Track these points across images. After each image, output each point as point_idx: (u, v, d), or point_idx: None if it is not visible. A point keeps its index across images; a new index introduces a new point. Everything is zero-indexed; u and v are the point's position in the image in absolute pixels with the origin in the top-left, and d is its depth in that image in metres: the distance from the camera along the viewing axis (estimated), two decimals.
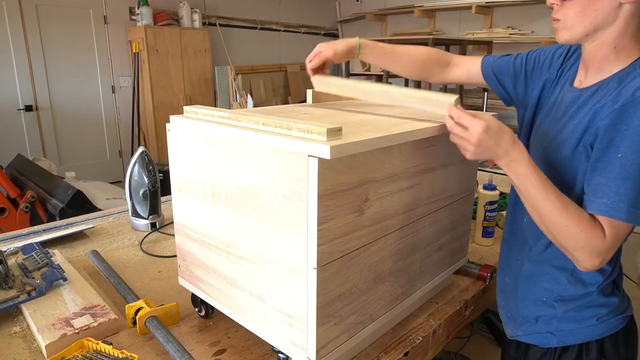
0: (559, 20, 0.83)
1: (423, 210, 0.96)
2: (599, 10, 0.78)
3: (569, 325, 0.93)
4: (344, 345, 0.83)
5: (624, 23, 0.78)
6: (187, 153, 0.93)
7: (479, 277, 1.23)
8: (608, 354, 0.92)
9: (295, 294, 0.76)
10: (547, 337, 0.96)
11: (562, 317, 0.94)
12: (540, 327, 0.97)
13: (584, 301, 0.92)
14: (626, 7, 0.77)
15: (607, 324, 0.92)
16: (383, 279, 0.89)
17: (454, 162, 1.03)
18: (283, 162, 0.72)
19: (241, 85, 5.62)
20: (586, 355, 0.92)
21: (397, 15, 6.47)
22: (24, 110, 4.50)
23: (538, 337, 0.97)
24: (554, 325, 0.95)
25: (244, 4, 6.17)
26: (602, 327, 0.91)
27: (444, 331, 1.07)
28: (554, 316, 0.94)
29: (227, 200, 0.85)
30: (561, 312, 0.94)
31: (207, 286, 0.96)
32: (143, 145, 2.69)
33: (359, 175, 0.76)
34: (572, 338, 0.93)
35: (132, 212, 1.55)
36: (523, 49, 1.13)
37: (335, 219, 0.73)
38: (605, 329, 0.92)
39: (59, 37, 4.62)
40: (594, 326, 0.91)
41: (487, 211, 1.43)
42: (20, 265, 1.16)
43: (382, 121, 0.92)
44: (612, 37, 0.79)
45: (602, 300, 0.91)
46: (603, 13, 0.78)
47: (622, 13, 0.77)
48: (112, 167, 5.25)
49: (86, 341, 0.90)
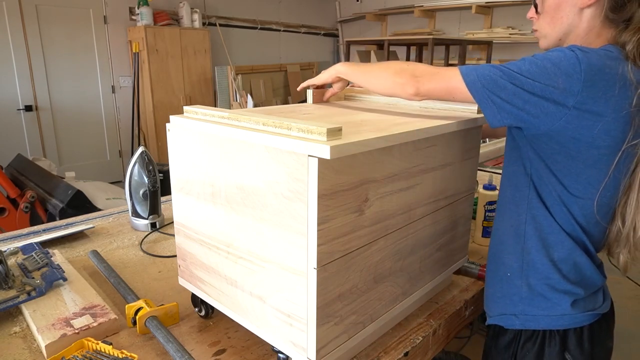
0: (537, 31, 0.97)
1: (423, 210, 0.96)
2: (564, 17, 0.90)
3: (532, 309, 0.94)
4: (344, 345, 0.83)
5: (587, 25, 0.89)
6: (187, 153, 0.93)
7: (479, 277, 1.23)
8: (571, 348, 0.92)
9: (295, 294, 0.76)
10: (511, 318, 0.97)
11: (526, 299, 0.95)
12: (506, 308, 0.98)
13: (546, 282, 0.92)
14: (586, 11, 0.88)
15: (570, 317, 0.92)
16: (383, 279, 0.89)
17: (454, 162, 1.03)
18: (283, 162, 0.72)
19: (241, 85, 5.62)
20: (548, 345, 0.93)
21: (397, 15, 6.47)
22: (23, 110, 4.51)
23: (504, 318, 0.99)
24: (519, 307, 0.96)
25: (244, 4, 6.17)
26: (565, 318, 0.92)
27: (444, 331, 1.07)
28: (520, 298, 0.96)
29: (227, 200, 0.85)
30: (525, 292, 0.95)
31: (207, 286, 0.96)
32: (143, 145, 2.69)
33: (359, 175, 0.76)
34: (534, 323, 0.94)
35: (132, 212, 1.55)
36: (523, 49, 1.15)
37: (335, 219, 0.73)
38: (568, 321, 0.92)
39: (59, 37, 4.62)
40: (557, 316, 0.92)
41: (487, 211, 1.43)
42: (20, 265, 1.16)
43: (382, 121, 0.92)
44: (580, 37, 0.90)
45: (567, 285, 0.91)
46: (568, 19, 0.90)
47: (584, 17, 0.88)
48: (112, 167, 5.25)
49: (86, 341, 0.90)
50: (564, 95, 0.78)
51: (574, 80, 0.77)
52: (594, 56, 0.79)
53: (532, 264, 0.94)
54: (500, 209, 1.02)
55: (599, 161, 0.83)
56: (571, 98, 0.78)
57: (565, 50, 0.80)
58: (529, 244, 0.94)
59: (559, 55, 0.80)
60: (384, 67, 0.97)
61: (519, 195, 0.95)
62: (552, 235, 0.91)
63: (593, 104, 0.78)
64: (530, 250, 0.94)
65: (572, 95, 0.78)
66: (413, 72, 0.91)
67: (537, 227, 0.92)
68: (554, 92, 0.78)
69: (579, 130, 0.80)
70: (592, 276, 0.92)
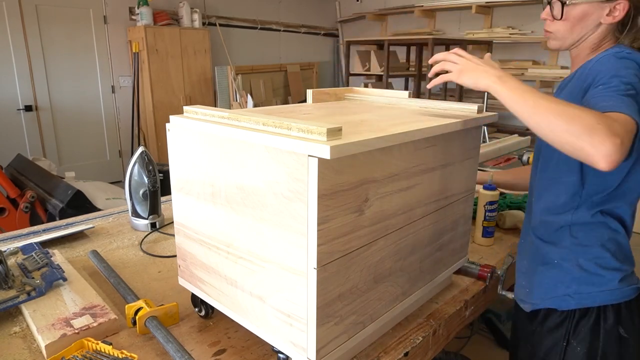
0: (552, 33, 1.04)
1: (423, 210, 0.96)
2: (584, 27, 0.99)
3: (587, 288, 0.99)
4: (344, 345, 0.83)
5: (601, 34, 0.99)
6: (187, 153, 0.93)
7: (479, 277, 1.23)
8: (623, 321, 0.98)
9: (295, 294, 0.76)
10: (565, 299, 1.01)
11: (580, 280, 1.00)
12: (559, 291, 1.02)
13: (597, 261, 0.98)
14: (602, 27, 0.98)
15: (622, 291, 0.98)
16: (383, 279, 0.89)
17: (454, 162, 1.03)
18: (283, 162, 0.72)
19: (241, 85, 5.62)
20: (604, 320, 0.98)
21: (397, 15, 6.47)
22: (23, 110, 4.50)
23: (557, 300, 1.03)
24: (572, 288, 1.01)
25: (244, 4, 6.17)
26: (617, 293, 0.98)
27: (444, 331, 1.07)
28: (573, 279, 1.01)
29: (227, 200, 0.85)
30: (577, 272, 1.00)
31: (207, 286, 0.96)
32: (143, 145, 2.69)
33: (359, 175, 0.76)
34: (590, 301, 0.99)
35: (132, 212, 1.55)
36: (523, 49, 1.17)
37: (335, 219, 0.73)
38: (621, 295, 0.98)
39: (59, 37, 4.62)
40: (610, 291, 0.98)
41: (487, 211, 1.43)
42: (20, 265, 1.16)
43: (382, 121, 0.92)
44: (592, 43, 1.01)
45: (616, 264, 0.98)
46: (587, 29, 0.99)
47: (601, 29, 0.99)
48: (112, 167, 5.25)
49: (86, 341, 0.90)
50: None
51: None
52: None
53: (582, 246, 1.00)
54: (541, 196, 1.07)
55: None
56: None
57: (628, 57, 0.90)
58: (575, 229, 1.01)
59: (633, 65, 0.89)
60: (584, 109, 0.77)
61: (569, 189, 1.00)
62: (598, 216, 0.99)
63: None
64: (577, 235, 1.00)
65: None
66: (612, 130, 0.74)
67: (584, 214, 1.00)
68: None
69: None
70: (631, 255, 1.02)
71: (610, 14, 0.96)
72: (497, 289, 1.22)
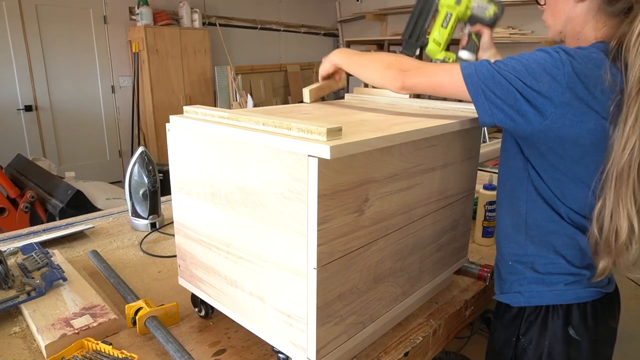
0: (545, 21, 1.01)
1: (423, 210, 0.96)
2: (561, 10, 0.94)
3: (537, 287, 0.98)
4: (344, 346, 0.83)
5: (582, 18, 0.91)
6: (187, 153, 0.93)
7: (479, 277, 1.23)
8: (574, 323, 0.94)
9: (295, 294, 0.76)
10: (516, 296, 1.01)
11: (531, 279, 0.99)
12: (511, 287, 1.02)
13: (550, 266, 0.96)
14: (580, 5, 0.91)
15: (574, 292, 0.94)
16: (383, 279, 0.89)
17: (454, 162, 1.03)
18: (283, 162, 0.72)
19: (241, 85, 5.62)
20: (551, 319, 0.96)
21: (397, 15, 6.47)
22: (23, 110, 4.51)
23: (509, 296, 1.02)
24: (524, 286, 1.00)
25: (244, 4, 6.17)
26: (569, 293, 0.94)
27: (444, 331, 1.07)
28: (524, 278, 1.00)
29: (227, 200, 0.85)
30: (530, 274, 0.99)
31: (207, 286, 0.96)
32: (143, 145, 2.69)
33: (359, 175, 0.76)
34: (538, 299, 0.97)
35: (132, 212, 1.55)
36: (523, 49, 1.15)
37: (335, 219, 0.73)
38: (573, 295, 0.94)
39: (58, 37, 4.62)
40: (560, 291, 0.95)
41: (487, 211, 1.43)
42: (20, 265, 1.16)
43: (382, 121, 0.92)
44: (576, 31, 0.93)
45: (572, 269, 0.94)
46: (565, 12, 0.94)
47: (579, 10, 0.91)
48: (112, 167, 5.25)
49: (86, 341, 0.90)
50: (547, 98, 0.80)
51: (558, 82, 0.79)
52: (578, 58, 0.81)
53: (536, 252, 0.97)
54: (500, 201, 1.05)
55: (584, 157, 0.86)
56: (555, 99, 0.80)
57: (550, 51, 0.82)
58: (530, 234, 0.97)
59: (544, 56, 0.82)
60: (374, 58, 1.00)
61: (519, 188, 0.97)
62: (552, 224, 0.93)
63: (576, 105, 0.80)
64: (532, 240, 0.97)
65: (556, 96, 0.80)
66: (400, 66, 0.94)
67: (537, 217, 0.95)
68: (537, 96, 0.81)
69: (562, 130, 0.82)
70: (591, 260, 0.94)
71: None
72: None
